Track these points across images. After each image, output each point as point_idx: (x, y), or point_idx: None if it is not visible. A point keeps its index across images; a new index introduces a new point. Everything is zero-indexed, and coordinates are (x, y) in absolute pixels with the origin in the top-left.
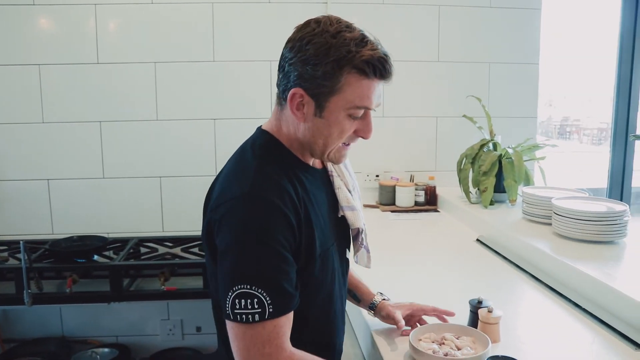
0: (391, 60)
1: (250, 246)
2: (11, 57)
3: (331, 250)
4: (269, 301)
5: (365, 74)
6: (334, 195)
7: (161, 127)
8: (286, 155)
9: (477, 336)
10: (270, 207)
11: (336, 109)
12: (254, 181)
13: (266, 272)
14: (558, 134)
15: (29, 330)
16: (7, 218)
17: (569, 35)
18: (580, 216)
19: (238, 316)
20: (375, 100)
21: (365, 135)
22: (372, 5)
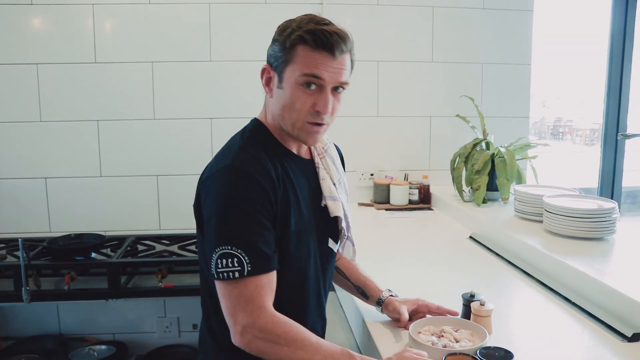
0: (343, 39)
1: (231, 212)
2: (9, 56)
3: (307, 234)
4: (247, 260)
5: (309, 44)
6: (319, 185)
7: (158, 126)
8: (271, 141)
9: (475, 329)
10: (249, 178)
11: (291, 77)
12: (236, 155)
13: (244, 235)
14: (551, 135)
15: (26, 328)
16: (5, 216)
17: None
18: (570, 213)
19: (221, 274)
20: (329, 75)
21: (321, 109)
22: (367, 6)
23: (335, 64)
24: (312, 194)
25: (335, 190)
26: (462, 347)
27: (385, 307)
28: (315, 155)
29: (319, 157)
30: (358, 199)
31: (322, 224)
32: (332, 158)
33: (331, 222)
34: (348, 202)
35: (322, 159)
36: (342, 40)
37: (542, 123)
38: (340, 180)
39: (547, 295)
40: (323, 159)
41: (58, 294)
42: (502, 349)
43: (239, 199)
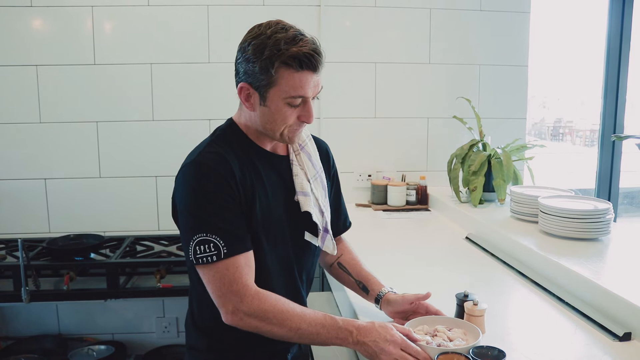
0: (320, 54)
1: (199, 202)
2: (9, 57)
3: (275, 228)
4: (222, 244)
5: (293, 67)
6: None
7: (157, 127)
8: (240, 138)
9: (468, 328)
10: (211, 171)
11: (275, 99)
12: (201, 152)
13: (215, 221)
14: (551, 136)
15: (25, 328)
16: (5, 217)
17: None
18: (564, 214)
19: (200, 259)
20: (311, 90)
21: (307, 120)
22: (365, 8)
23: (315, 79)
24: (286, 189)
25: (309, 186)
26: (456, 346)
27: (384, 303)
28: (291, 152)
29: (294, 154)
30: (356, 200)
31: (298, 218)
32: (308, 154)
33: (308, 217)
34: (326, 197)
35: (298, 155)
36: (320, 57)
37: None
38: (317, 176)
39: (541, 295)
40: (298, 155)
41: (57, 294)
42: (494, 348)
43: (205, 189)
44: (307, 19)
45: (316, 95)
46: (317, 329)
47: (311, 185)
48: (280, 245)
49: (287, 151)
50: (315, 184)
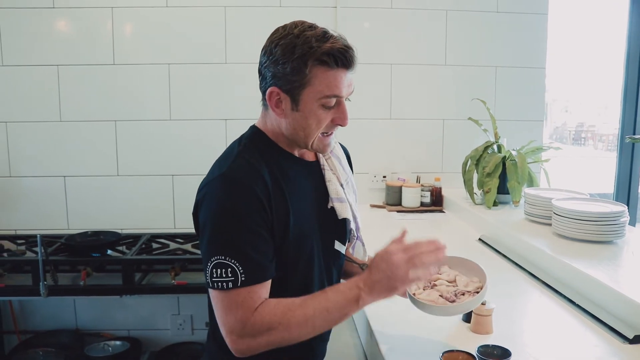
0: (354, 51)
1: (224, 221)
2: (32, 57)
3: (310, 237)
4: (241, 270)
5: (328, 64)
6: (326, 187)
7: (174, 126)
8: (270, 146)
9: (451, 262)
10: (243, 187)
11: (309, 100)
12: (232, 165)
13: (238, 245)
14: (572, 140)
15: (44, 322)
16: (25, 213)
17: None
18: (578, 216)
19: (215, 284)
20: (345, 89)
21: (342, 123)
22: (381, 9)
23: (348, 78)
24: (317, 196)
25: (343, 192)
26: (467, 286)
27: None
28: (320, 157)
29: (324, 159)
30: (370, 201)
31: (329, 227)
32: (338, 158)
33: (339, 224)
34: (356, 202)
35: (328, 159)
36: (354, 53)
37: (563, 128)
38: (348, 180)
39: (551, 296)
40: (329, 159)
41: (74, 289)
42: (500, 347)
43: (233, 208)
44: (323, 20)
45: (349, 96)
46: (323, 306)
47: (344, 190)
48: (314, 257)
49: (315, 157)
50: (347, 188)
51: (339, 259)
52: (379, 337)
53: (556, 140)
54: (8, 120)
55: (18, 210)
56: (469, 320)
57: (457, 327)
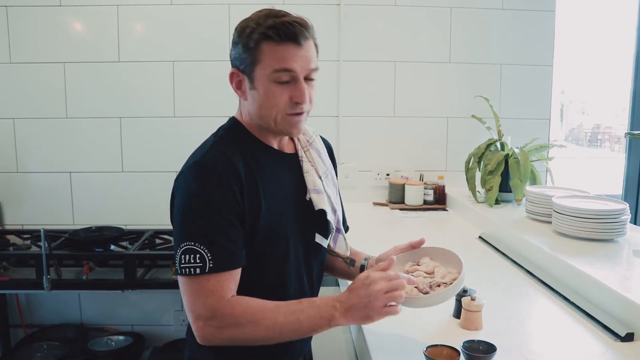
0: (304, 26)
1: (195, 208)
2: (38, 55)
3: (285, 229)
4: (209, 257)
5: (273, 39)
6: (304, 179)
7: (178, 123)
8: (246, 137)
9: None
10: (215, 175)
11: (262, 77)
12: (205, 154)
13: (208, 232)
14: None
15: (49, 317)
16: (32, 208)
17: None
18: (577, 214)
19: (183, 270)
20: (299, 64)
21: (299, 100)
22: (385, 6)
23: (303, 52)
24: (296, 188)
25: (321, 183)
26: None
27: (373, 264)
28: (299, 148)
29: (303, 151)
30: (373, 199)
31: (309, 219)
32: (317, 151)
33: (319, 217)
34: (338, 195)
35: (307, 152)
36: (304, 28)
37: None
38: (327, 173)
39: (547, 294)
40: (307, 152)
41: (77, 283)
42: (486, 343)
43: (204, 195)
44: (327, 18)
45: (310, 75)
46: (296, 317)
47: (323, 182)
48: (290, 250)
49: (294, 149)
50: (327, 181)
51: (321, 253)
52: (367, 332)
53: (572, 142)
54: (15, 116)
55: (25, 206)
56: (459, 316)
57: (447, 323)
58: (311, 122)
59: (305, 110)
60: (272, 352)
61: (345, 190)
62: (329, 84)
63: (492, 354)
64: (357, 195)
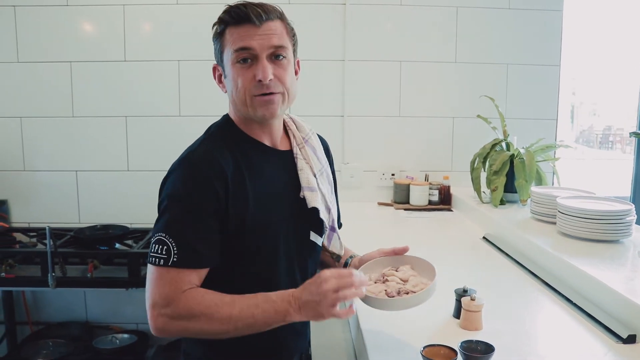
0: (261, 7)
1: (175, 203)
2: (45, 54)
3: (276, 227)
4: (175, 251)
5: (229, 23)
6: (298, 176)
7: (183, 122)
8: (237, 134)
9: (414, 262)
10: (198, 173)
11: (228, 62)
12: (193, 150)
13: (180, 226)
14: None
15: (55, 315)
16: (39, 207)
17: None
18: (582, 214)
19: (151, 258)
20: (257, 43)
21: (261, 77)
22: (390, 6)
23: (261, 31)
24: (289, 185)
25: (315, 181)
26: (415, 287)
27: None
28: (294, 145)
29: (298, 148)
30: (378, 199)
31: (303, 216)
32: (313, 148)
33: (315, 214)
34: (333, 194)
35: (302, 149)
36: (260, 9)
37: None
38: (323, 171)
39: (549, 295)
40: (303, 149)
41: (81, 281)
42: (484, 343)
43: (184, 192)
44: (332, 17)
45: (277, 53)
46: (251, 311)
47: (317, 180)
48: (279, 247)
49: (289, 146)
50: (322, 179)
51: (315, 251)
52: (366, 331)
53: (582, 144)
54: (23, 115)
55: (31, 204)
56: (459, 317)
57: (447, 323)
58: (316, 121)
59: (276, 91)
60: (264, 349)
61: (350, 190)
62: (334, 84)
63: (490, 354)
64: (362, 195)
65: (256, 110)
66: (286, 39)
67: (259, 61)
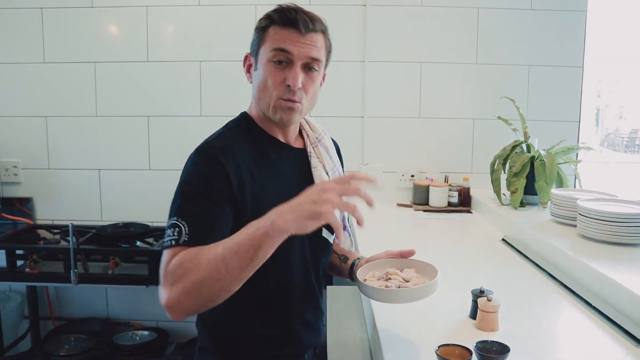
0: (311, 16)
1: (188, 188)
2: (70, 55)
3: None
4: (186, 231)
5: (277, 23)
6: (311, 174)
7: (204, 122)
8: (254, 129)
9: (420, 267)
10: (212, 161)
11: (263, 55)
12: (209, 141)
13: (191, 208)
14: (625, 147)
15: (77, 311)
16: (62, 204)
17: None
18: (603, 217)
19: (163, 243)
20: (297, 49)
21: (291, 84)
22: (411, 7)
23: (304, 40)
24: (302, 182)
25: (328, 179)
26: (415, 285)
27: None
28: (308, 144)
29: (312, 147)
30: (397, 200)
31: None
32: (325, 147)
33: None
34: None
35: (315, 148)
36: (308, 19)
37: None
38: (335, 170)
39: (568, 297)
40: (316, 147)
41: (102, 278)
42: (499, 343)
43: (196, 177)
44: (352, 19)
45: (311, 65)
46: (234, 241)
47: (330, 178)
48: (296, 243)
49: (303, 144)
50: (334, 177)
51: (327, 247)
52: (381, 330)
53: (608, 147)
54: (48, 114)
55: (55, 201)
56: (476, 317)
57: (463, 324)
58: (336, 122)
59: (298, 100)
60: (276, 342)
61: (370, 191)
62: (354, 85)
63: (505, 355)
64: (381, 196)
65: (276, 112)
66: (323, 53)
67: (293, 67)
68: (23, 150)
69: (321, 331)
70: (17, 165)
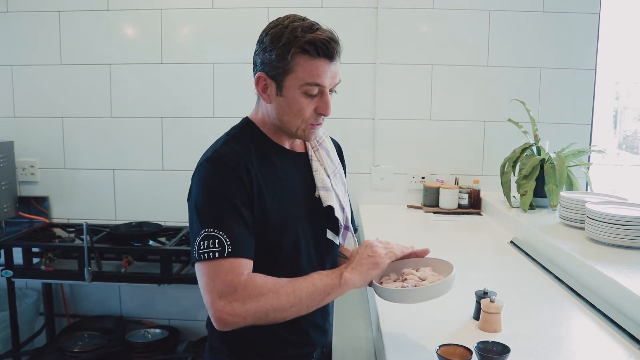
0: (338, 44)
1: (211, 198)
2: (87, 57)
3: (295, 225)
4: (228, 242)
5: (309, 53)
6: (313, 177)
7: (217, 123)
8: (258, 136)
9: (435, 264)
10: (227, 168)
11: (292, 87)
12: (217, 149)
13: (225, 219)
14: None
15: (91, 308)
16: (78, 203)
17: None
18: (610, 220)
19: (202, 255)
20: (328, 80)
21: (324, 112)
22: (422, 10)
23: (332, 68)
24: (306, 186)
25: (329, 181)
26: (432, 283)
27: None
28: (309, 148)
29: (312, 150)
30: (408, 202)
31: (319, 215)
32: (326, 150)
33: (330, 214)
34: (346, 194)
35: (316, 151)
36: (337, 45)
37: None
38: (336, 172)
39: (574, 300)
40: (317, 151)
41: (115, 276)
42: (500, 344)
43: (217, 186)
44: (364, 21)
45: (334, 89)
46: (309, 281)
47: (331, 180)
48: (301, 245)
49: (305, 148)
50: (335, 179)
51: (333, 249)
52: (385, 330)
53: (625, 150)
54: (64, 115)
55: (71, 200)
56: (479, 318)
57: (466, 325)
58: (347, 124)
59: (323, 120)
60: (287, 342)
61: (380, 193)
62: (365, 87)
63: (505, 356)
64: (391, 198)
65: (304, 134)
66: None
67: (324, 96)
68: (40, 150)
69: (329, 331)
70: (34, 165)
